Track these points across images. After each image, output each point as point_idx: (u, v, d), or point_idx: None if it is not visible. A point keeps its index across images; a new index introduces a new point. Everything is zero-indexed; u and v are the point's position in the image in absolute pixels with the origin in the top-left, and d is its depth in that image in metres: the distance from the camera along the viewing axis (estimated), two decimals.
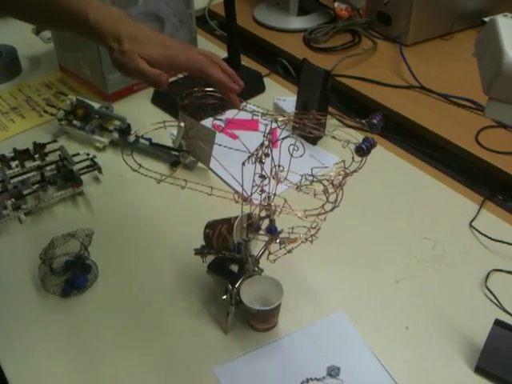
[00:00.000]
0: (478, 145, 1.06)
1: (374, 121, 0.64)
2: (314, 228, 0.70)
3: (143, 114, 1.15)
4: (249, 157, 0.66)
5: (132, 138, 0.97)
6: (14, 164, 1.00)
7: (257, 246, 0.78)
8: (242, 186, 0.68)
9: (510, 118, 0.65)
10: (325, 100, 1.06)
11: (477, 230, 0.90)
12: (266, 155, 0.67)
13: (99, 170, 1.00)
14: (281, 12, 1.53)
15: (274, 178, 0.70)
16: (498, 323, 0.73)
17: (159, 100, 1.21)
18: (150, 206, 0.97)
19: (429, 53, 1.37)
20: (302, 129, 0.70)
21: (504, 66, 0.60)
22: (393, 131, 1.11)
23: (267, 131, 0.67)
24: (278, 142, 0.69)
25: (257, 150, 0.67)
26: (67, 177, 0.98)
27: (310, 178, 0.68)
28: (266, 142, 0.67)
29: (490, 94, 0.64)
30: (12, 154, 1.02)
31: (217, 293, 0.79)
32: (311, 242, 0.70)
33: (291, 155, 0.68)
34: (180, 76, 1.27)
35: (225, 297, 0.74)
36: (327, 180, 0.67)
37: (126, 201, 0.98)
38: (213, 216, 0.81)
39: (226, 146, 0.78)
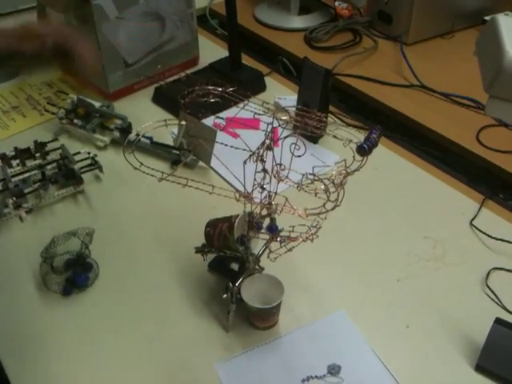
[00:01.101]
0: (478, 143, 1.06)
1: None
2: (315, 227, 0.70)
3: (144, 113, 1.16)
4: (250, 155, 0.66)
5: (133, 137, 0.97)
6: (15, 163, 1.00)
7: (257, 245, 0.78)
8: (244, 185, 0.68)
9: (511, 116, 0.65)
10: (326, 99, 1.06)
11: (477, 228, 0.90)
12: (269, 148, 0.66)
13: (100, 168, 1.00)
14: (282, 11, 1.53)
15: (275, 176, 0.70)
16: (498, 321, 0.73)
17: (160, 99, 1.21)
18: (151, 205, 0.97)
19: (430, 52, 1.37)
20: (303, 128, 0.70)
21: (505, 64, 0.60)
22: (393, 130, 1.12)
23: (268, 130, 0.67)
24: (279, 141, 0.69)
25: (258, 148, 0.67)
26: (68, 175, 0.98)
27: (311, 176, 0.68)
28: (268, 141, 0.67)
29: (491, 92, 0.64)
30: (13, 153, 1.02)
31: (218, 291, 0.80)
32: (312, 240, 0.70)
33: (292, 154, 0.68)
34: (182, 75, 1.27)
35: (225, 295, 0.74)
36: (328, 179, 0.67)
37: (126, 199, 0.98)
38: (214, 215, 0.81)
39: (227, 145, 0.78)
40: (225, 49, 1.27)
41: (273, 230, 0.73)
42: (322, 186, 0.67)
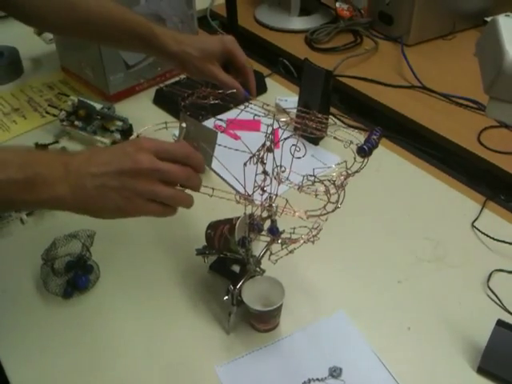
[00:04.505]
0: (480, 145, 1.06)
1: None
2: (316, 228, 0.70)
3: (145, 115, 1.16)
4: (250, 157, 0.66)
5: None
6: None
7: (258, 247, 0.78)
8: (245, 187, 0.68)
9: (511, 117, 0.65)
10: (326, 100, 1.06)
11: (479, 230, 0.90)
12: (269, 150, 0.66)
13: None
14: (282, 12, 1.53)
15: (275, 178, 0.70)
16: (500, 323, 0.73)
17: (161, 100, 1.21)
18: None
19: (431, 53, 1.37)
20: (303, 129, 0.70)
21: (505, 65, 0.60)
22: (394, 131, 1.11)
23: (269, 131, 0.67)
24: (280, 143, 0.69)
25: (258, 150, 0.67)
26: None
27: (312, 178, 0.68)
28: (268, 143, 0.67)
29: (491, 93, 0.64)
30: None
31: (219, 293, 0.79)
32: (313, 242, 0.70)
33: (293, 156, 0.68)
34: (182, 77, 1.27)
35: (226, 297, 0.74)
36: (329, 180, 0.67)
37: None
38: (214, 217, 0.81)
39: (227, 147, 0.78)
40: None
41: (274, 232, 0.72)
42: (323, 188, 0.67)
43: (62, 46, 1.29)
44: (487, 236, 0.88)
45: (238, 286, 0.74)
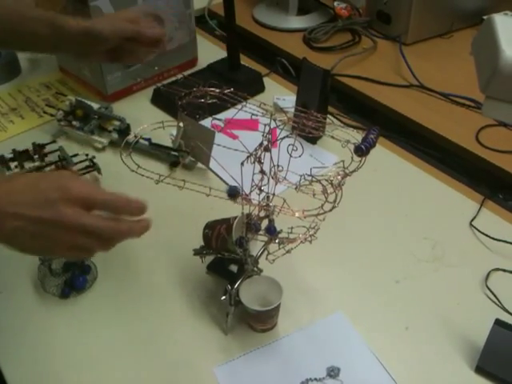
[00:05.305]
0: (478, 144, 1.06)
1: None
2: (313, 228, 0.69)
3: (142, 114, 1.15)
4: (247, 157, 0.66)
5: (131, 139, 0.97)
6: (13, 165, 1.00)
7: (256, 246, 0.78)
8: (242, 186, 0.68)
9: (508, 116, 0.65)
10: (324, 99, 1.06)
11: (477, 229, 0.89)
12: (266, 149, 0.66)
13: (98, 170, 1.00)
14: (280, 11, 1.53)
15: (273, 177, 0.70)
16: (498, 323, 0.73)
17: (159, 100, 1.21)
18: (149, 206, 0.96)
19: (429, 52, 1.36)
20: (301, 128, 0.70)
21: (500, 64, 0.60)
22: (392, 130, 1.11)
23: (266, 131, 0.67)
24: (278, 142, 0.69)
25: (256, 149, 0.66)
26: None
27: (309, 177, 0.67)
28: (265, 142, 0.66)
29: (487, 92, 0.64)
30: (11, 155, 1.02)
31: (216, 293, 0.79)
32: (310, 242, 0.70)
33: (290, 155, 0.68)
34: (179, 76, 1.27)
35: (224, 297, 0.74)
36: (326, 180, 0.67)
37: None
38: (212, 216, 0.81)
39: (225, 146, 0.78)
40: (223, 49, 1.27)
41: (271, 231, 0.72)
42: (320, 187, 0.67)
43: None
44: (485, 235, 0.88)
45: (235, 286, 0.74)
